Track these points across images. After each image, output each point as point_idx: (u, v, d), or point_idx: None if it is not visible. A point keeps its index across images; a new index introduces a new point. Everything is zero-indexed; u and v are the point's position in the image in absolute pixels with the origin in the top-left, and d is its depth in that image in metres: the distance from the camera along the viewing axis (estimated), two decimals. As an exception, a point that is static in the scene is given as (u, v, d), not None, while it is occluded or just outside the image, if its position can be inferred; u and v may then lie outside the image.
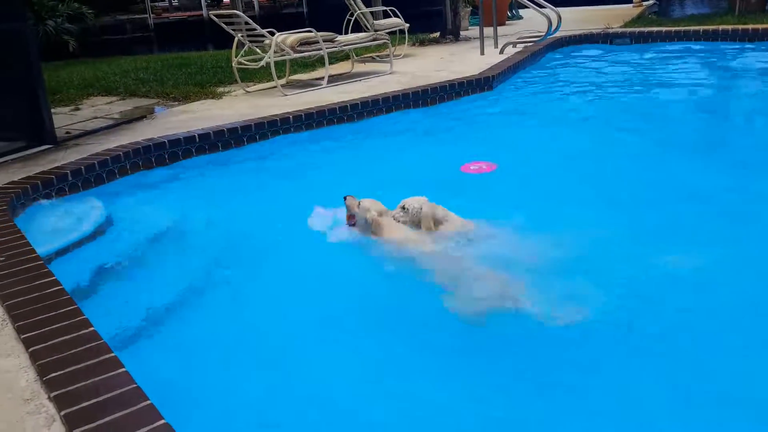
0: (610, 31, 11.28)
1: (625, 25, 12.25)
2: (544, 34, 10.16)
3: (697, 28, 10.68)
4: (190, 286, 3.66)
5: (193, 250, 4.19)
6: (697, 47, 10.24)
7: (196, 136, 5.86)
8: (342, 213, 4.16)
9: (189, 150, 5.82)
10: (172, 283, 3.67)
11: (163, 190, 5.22)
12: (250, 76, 9.10)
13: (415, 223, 3.88)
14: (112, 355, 2.42)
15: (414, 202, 3.92)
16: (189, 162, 5.75)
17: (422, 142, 6.48)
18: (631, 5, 16.66)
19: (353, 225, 4.04)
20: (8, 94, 5.94)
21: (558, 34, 10.42)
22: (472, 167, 5.44)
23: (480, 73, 8.07)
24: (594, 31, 11.35)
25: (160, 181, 5.37)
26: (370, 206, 3.94)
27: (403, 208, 3.94)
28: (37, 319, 2.72)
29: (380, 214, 3.91)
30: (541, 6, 10.30)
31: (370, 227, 3.88)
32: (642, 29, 11.08)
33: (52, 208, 4.66)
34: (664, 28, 10.96)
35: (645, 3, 17.07)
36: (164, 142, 5.68)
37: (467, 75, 8.00)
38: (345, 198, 4.07)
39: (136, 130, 6.36)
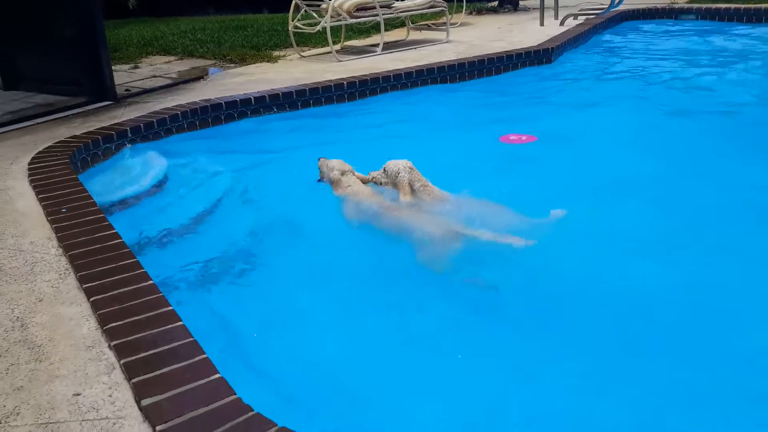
0: (676, 5, 10.91)
1: (691, 1, 11.83)
2: (606, 6, 9.89)
3: (769, 5, 10.23)
4: (243, 241, 3.73)
5: (245, 207, 4.27)
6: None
7: (252, 99, 5.91)
8: None
9: (245, 112, 5.87)
10: (225, 238, 3.74)
11: (218, 149, 5.28)
12: (305, 40, 9.10)
13: (394, 185, 3.91)
14: (170, 308, 2.49)
15: (393, 165, 3.95)
16: (244, 123, 5.80)
17: (472, 112, 6.41)
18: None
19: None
20: (72, 51, 6.06)
21: (621, 8, 10.15)
22: (512, 137, 5.40)
23: (539, 45, 7.91)
24: (658, 5, 11.00)
25: (215, 140, 5.44)
26: (335, 166, 4.10)
27: (384, 170, 4.01)
28: (98, 270, 2.80)
29: (343, 174, 4.05)
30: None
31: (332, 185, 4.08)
32: (709, 5, 10.68)
33: (112, 162, 4.78)
34: (732, 5, 10.53)
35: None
36: (221, 103, 5.74)
37: (525, 46, 7.86)
38: (318, 159, 4.25)
39: (194, 90, 6.44)
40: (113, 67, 6.43)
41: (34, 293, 2.71)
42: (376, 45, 8.47)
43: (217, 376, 2.10)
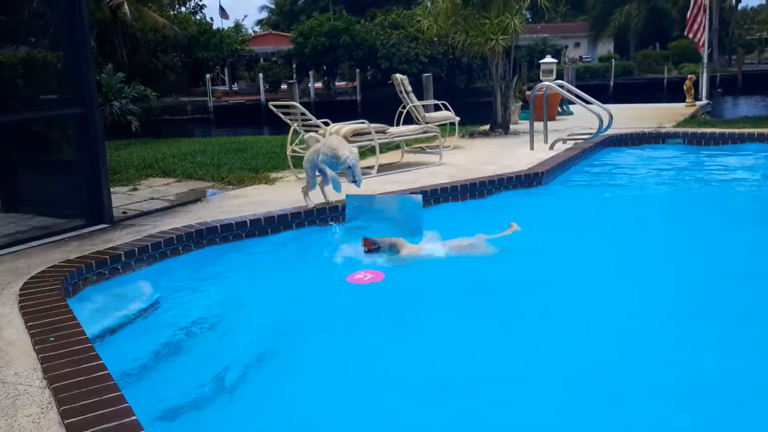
0: (662, 130, 11.29)
1: (678, 125, 12.25)
2: (595, 131, 10.22)
3: (751, 130, 10.59)
4: (237, 371, 3.68)
5: (238, 335, 4.23)
6: (752, 149, 10.13)
7: (248, 222, 5.99)
8: None
9: (240, 234, 5.94)
10: (218, 367, 3.69)
11: (212, 273, 5.30)
12: (302, 162, 9.32)
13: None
14: (152, 447, 2.42)
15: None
16: (239, 246, 5.85)
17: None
18: (683, 104, 16.71)
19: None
20: (73, 175, 6.21)
21: (609, 132, 10.47)
22: (357, 276, 5.17)
23: (529, 169, 8.11)
24: (646, 130, 11.37)
25: (210, 264, 5.46)
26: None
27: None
28: (81, 404, 2.75)
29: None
30: (588, 103, 10.41)
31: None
32: (695, 130, 11.05)
33: (104, 288, 4.78)
34: (717, 129, 10.91)
35: (698, 103, 17.10)
36: (216, 226, 5.81)
37: (516, 170, 8.06)
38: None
39: (191, 212, 6.53)
40: (112, 189, 6.56)
41: (14, 429, 2.65)
42: (371, 167, 8.67)
43: None
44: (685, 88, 17.11)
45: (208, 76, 36.78)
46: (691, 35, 18.83)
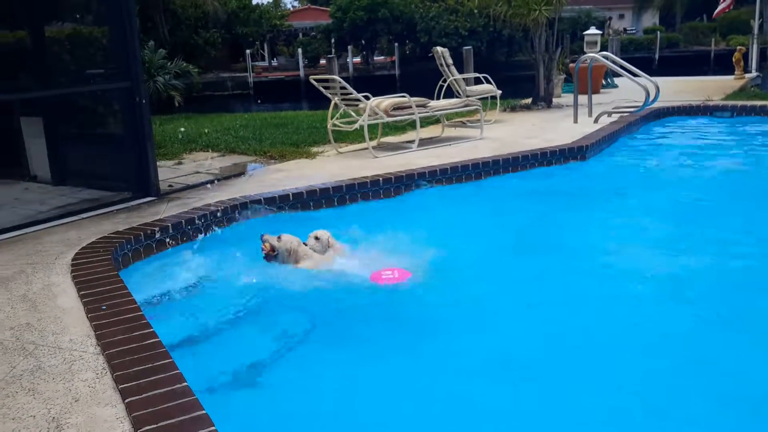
0: (710, 103, 11.01)
1: (726, 98, 11.93)
2: (640, 104, 10.00)
3: (804, 103, 10.27)
4: (283, 341, 3.73)
5: (285, 306, 4.28)
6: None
7: (290, 195, 6.04)
8: None
9: (282, 207, 5.99)
10: (264, 338, 3.75)
11: (257, 245, 5.34)
12: (342, 136, 9.34)
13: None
14: (203, 412, 2.48)
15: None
16: (282, 219, 5.89)
17: (505, 211, 6.43)
18: (732, 77, 16.25)
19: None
20: (120, 148, 6.32)
21: (655, 105, 10.24)
22: (384, 275, 4.70)
23: (573, 142, 7.99)
24: (693, 103, 11.10)
25: (255, 236, 5.51)
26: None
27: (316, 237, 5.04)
28: (135, 370, 2.82)
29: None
30: (635, 75, 10.18)
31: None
32: (744, 103, 10.76)
33: (152, 258, 4.87)
34: (768, 102, 10.61)
35: (747, 75, 16.60)
36: (260, 199, 5.87)
37: (560, 144, 7.95)
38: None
39: (234, 186, 6.61)
40: (158, 163, 6.65)
41: (71, 393, 2.73)
42: (412, 141, 8.65)
43: (249, 486, 2.07)
44: (734, 60, 16.62)
45: (248, 51, 36.91)
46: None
